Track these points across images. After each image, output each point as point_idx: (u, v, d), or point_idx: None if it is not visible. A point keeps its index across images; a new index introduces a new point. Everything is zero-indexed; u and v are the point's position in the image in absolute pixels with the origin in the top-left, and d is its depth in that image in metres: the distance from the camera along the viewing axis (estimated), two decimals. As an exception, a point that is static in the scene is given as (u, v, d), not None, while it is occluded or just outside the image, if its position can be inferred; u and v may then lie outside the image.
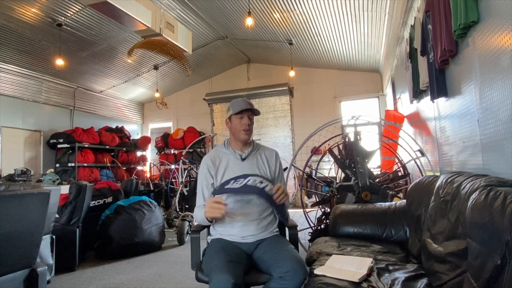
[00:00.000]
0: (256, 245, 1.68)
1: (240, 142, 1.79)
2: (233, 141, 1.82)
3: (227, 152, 1.81)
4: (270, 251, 1.59)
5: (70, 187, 3.35)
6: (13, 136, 6.28)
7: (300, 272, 1.43)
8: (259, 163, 1.80)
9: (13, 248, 1.72)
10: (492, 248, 0.99)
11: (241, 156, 1.78)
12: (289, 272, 1.43)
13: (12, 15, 4.72)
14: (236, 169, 1.75)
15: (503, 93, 1.47)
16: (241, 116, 1.75)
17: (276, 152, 1.89)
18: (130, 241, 3.64)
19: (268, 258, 1.56)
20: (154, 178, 7.95)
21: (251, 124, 1.76)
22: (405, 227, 2.13)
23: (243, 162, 1.77)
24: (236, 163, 1.77)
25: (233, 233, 1.69)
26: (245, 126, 1.73)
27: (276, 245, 1.63)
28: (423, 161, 3.27)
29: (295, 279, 1.42)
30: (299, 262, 1.48)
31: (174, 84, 8.85)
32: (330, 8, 4.96)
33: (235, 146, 1.82)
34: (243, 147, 1.81)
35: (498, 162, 1.58)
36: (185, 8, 5.41)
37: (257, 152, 1.83)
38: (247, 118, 1.75)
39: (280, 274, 1.44)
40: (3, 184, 2.50)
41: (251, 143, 1.84)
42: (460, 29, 1.77)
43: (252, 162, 1.79)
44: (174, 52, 4.88)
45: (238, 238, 1.69)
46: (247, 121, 1.74)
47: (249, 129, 1.75)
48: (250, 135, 1.77)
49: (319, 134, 3.67)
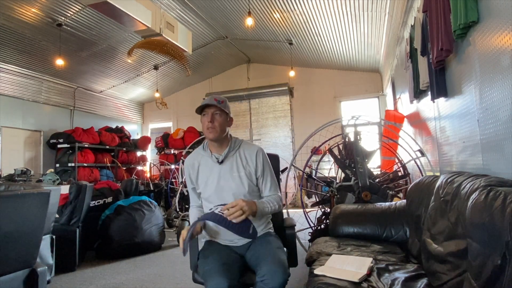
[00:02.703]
0: (248, 246, 1.65)
1: (215, 143, 1.69)
2: (210, 144, 1.73)
3: (205, 155, 1.73)
4: (256, 253, 1.57)
5: (70, 187, 3.35)
6: (13, 136, 6.27)
7: (278, 274, 1.40)
8: (238, 165, 1.68)
9: (13, 248, 1.72)
10: (492, 248, 0.99)
11: (217, 159, 1.69)
12: (267, 275, 1.40)
13: (12, 15, 4.72)
14: (214, 174, 1.68)
15: (503, 93, 1.47)
16: (205, 113, 1.66)
17: (258, 149, 1.74)
18: (130, 241, 3.64)
19: (253, 260, 1.55)
20: (154, 178, 7.94)
21: (214, 122, 1.63)
22: (405, 227, 2.13)
23: (221, 165, 1.68)
24: (213, 168, 1.69)
25: (223, 237, 1.67)
26: (207, 123, 1.64)
27: (263, 246, 1.59)
28: (423, 161, 3.27)
29: (273, 282, 1.39)
30: (278, 263, 1.44)
31: (174, 84, 8.85)
32: (330, 8, 4.96)
33: (212, 147, 1.72)
34: (219, 148, 1.70)
35: (498, 162, 1.58)
36: (185, 8, 5.41)
37: (236, 152, 1.71)
38: (210, 115, 1.63)
39: (260, 277, 1.42)
40: (3, 184, 2.50)
41: (228, 143, 1.72)
42: (460, 29, 1.77)
43: (231, 165, 1.68)
44: (174, 52, 4.88)
45: (229, 242, 1.67)
46: (209, 118, 1.63)
47: (213, 127, 1.63)
48: (215, 134, 1.64)
49: (319, 134, 3.67)
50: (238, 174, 1.67)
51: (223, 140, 1.70)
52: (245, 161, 1.70)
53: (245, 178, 1.67)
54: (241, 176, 1.66)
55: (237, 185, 1.66)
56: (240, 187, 1.66)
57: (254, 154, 1.71)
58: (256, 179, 1.71)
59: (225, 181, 1.67)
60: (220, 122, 1.64)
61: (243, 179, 1.67)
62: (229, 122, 1.72)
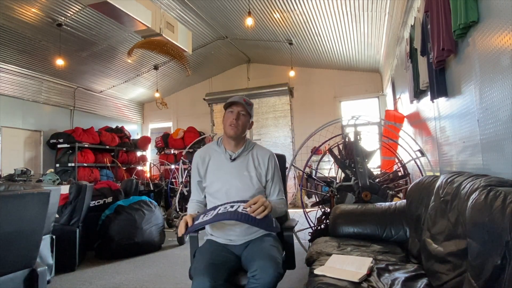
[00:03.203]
0: (245, 246, 1.65)
1: (231, 141, 1.73)
2: (226, 139, 1.76)
3: (218, 150, 1.76)
4: (250, 252, 1.58)
5: (70, 187, 3.35)
6: (13, 136, 6.27)
7: (269, 270, 1.39)
8: (249, 164, 1.72)
9: (13, 248, 1.72)
10: (492, 248, 0.99)
11: (231, 156, 1.72)
12: (257, 270, 1.40)
13: (12, 15, 4.72)
14: (224, 170, 1.71)
15: (503, 93, 1.47)
16: (231, 110, 1.71)
17: (271, 154, 1.80)
18: (130, 241, 3.64)
19: (248, 259, 1.55)
20: (154, 178, 7.95)
21: (238, 120, 1.68)
22: (405, 227, 2.13)
23: (232, 162, 1.72)
24: (224, 164, 1.72)
25: (222, 235, 1.68)
26: (232, 120, 1.67)
27: (256, 245, 1.60)
28: (423, 161, 3.27)
29: (264, 277, 1.38)
30: (269, 259, 1.45)
31: (174, 84, 8.85)
32: (330, 8, 4.96)
33: (227, 144, 1.76)
34: (235, 147, 1.74)
35: (498, 162, 1.58)
36: (185, 8, 5.41)
37: (249, 153, 1.76)
38: (236, 113, 1.68)
39: (251, 273, 1.42)
40: (3, 184, 2.50)
41: (244, 143, 1.77)
42: (460, 29, 1.77)
43: (242, 163, 1.72)
44: (174, 52, 4.88)
45: (227, 241, 1.68)
46: (235, 116, 1.68)
47: (236, 125, 1.67)
48: (236, 132, 1.68)
49: (319, 134, 3.67)
50: (249, 174, 1.71)
51: (240, 140, 1.75)
52: (257, 162, 1.74)
53: (255, 178, 1.71)
54: (251, 176, 1.70)
55: (246, 184, 1.69)
56: (249, 186, 1.69)
57: (267, 158, 1.76)
58: (265, 181, 1.75)
59: (234, 179, 1.69)
60: (243, 122, 1.70)
61: (253, 179, 1.70)
62: (250, 125, 1.78)
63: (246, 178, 1.70)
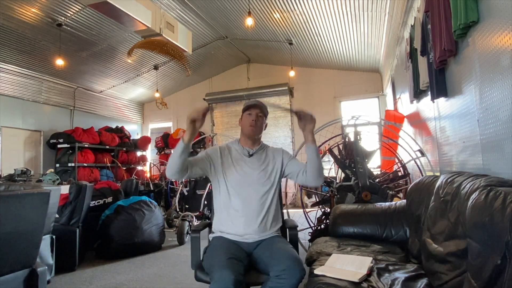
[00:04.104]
0: (256, 245, 1.69)
1: (249, 140, 1.87)
2: (243, 139, 1.90)
3: (237, 147, 1.90)
4: (268, 251, 1.61)
5: (70, 187, 3.35)
6: (13, 136, 6.27)
7: (296, 271, 1.44)
8: (266, 159, 1.86)
9: (13, 248, 1.72)
10: (492, 248, 0.99)
11: (248, 152, 1.86)
12: (286, 270, 1.44)
13: (12, 15, 4.72)
14: (242, 163, 1.82)
15: (503, 93, 1.47)
16: (250, 112, 1.83)
17: (282, 148, 1.98)
18: (130, 241, 3.64)
19: (266, 257, 1.58)
20: (154, 178, 7.94)
21: (257, 121, 1.82)
22: (405, 227, 2.13)
23: (250, 158, 1.84)
24: (242, 159, 1.84)
25: (234, 231, 1.71)
26: (251, 121, 1.81)
27: (275, 245, 1.64)
28: (423, 161, 3.27)
29: (291, 278, 1.42)
30: (295, 260, 1.49)
31: (174, 84, 8.85)
32: (330, 8, 4.96)
33: (245, 143, 1.89)
34: (252, 145, 1.88)
35: (498, 162, 1.58)
36: (185, 8, 5.41)
37: (264, 151, 1.91)
38: (254, 115, 1.82)
39: (277, 272, 1.45)
40: (3, 184, 2.50)
41: (260, 143, 1.92)
42: (460, 29, 1.77)
43: (259, 158, 1.85)
44: (174, 52, 4.88)
45: (239, 237, 1.70)
46: (254, 117, 1.82)
47: (255, 125, 1.81)
48: (255, 132, 1.83)
49: (319, 134, 3.65)
50: (266, 167, 1.84)
51: (256, 140, 1.90)
52: (272, 157, 1.89)
53: (272, 171, 1.84)
54: (268, 169, 1.83)
55: (262, 176, 1.81)
56: (264, 178, 1.80)
57: (281, 152, 1.93)
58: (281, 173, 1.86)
59: (252, 170, 1.81)
60: (261, 123, 1.86)
61: (269, 172, 1.83)
62: (265, 126, 1.93)
63: (263, 171, 1.82)
